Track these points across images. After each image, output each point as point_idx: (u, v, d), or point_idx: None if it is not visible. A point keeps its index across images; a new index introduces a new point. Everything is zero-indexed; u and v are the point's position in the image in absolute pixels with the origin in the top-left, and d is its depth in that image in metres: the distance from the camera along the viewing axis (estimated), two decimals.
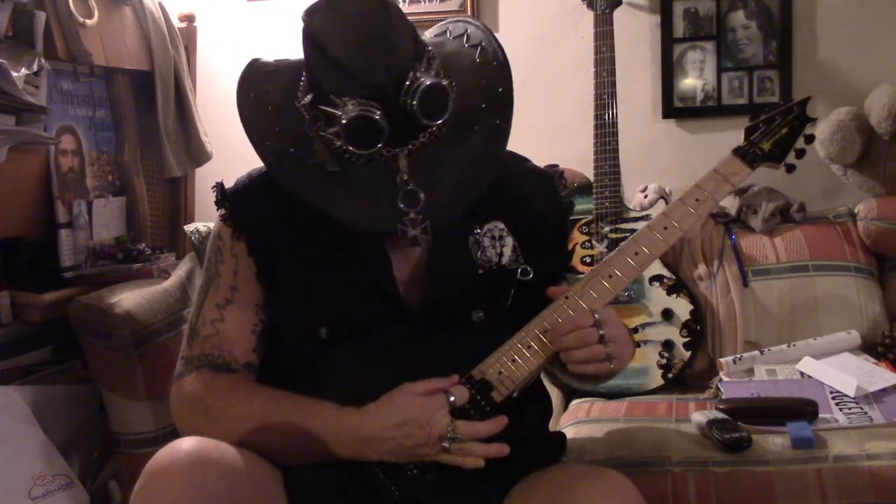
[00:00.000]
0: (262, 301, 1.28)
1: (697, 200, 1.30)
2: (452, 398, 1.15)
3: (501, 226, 1.30)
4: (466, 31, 1.27)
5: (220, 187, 1.31)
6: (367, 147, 1.13)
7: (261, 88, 1.24)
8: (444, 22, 1.32)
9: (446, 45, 1.27)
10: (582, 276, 1.29)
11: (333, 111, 1.13)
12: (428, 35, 1.31)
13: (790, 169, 1.38)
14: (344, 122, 1.11)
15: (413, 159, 1.15)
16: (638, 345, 2.02)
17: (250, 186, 1.30)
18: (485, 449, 1.15)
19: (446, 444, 1.13)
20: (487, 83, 1.21)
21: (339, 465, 1.16)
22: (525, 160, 1.40)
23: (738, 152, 1.36)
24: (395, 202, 1.13)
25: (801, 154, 1.38)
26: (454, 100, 1.17)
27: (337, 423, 1.15)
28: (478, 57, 1.23)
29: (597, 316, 1.18)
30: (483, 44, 1.24)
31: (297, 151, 1.17)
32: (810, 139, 1.39)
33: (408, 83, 1.12)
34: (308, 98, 1.17)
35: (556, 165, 1.40)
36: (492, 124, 1.19)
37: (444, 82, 1.15)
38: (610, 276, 1.24)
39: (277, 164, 1.18)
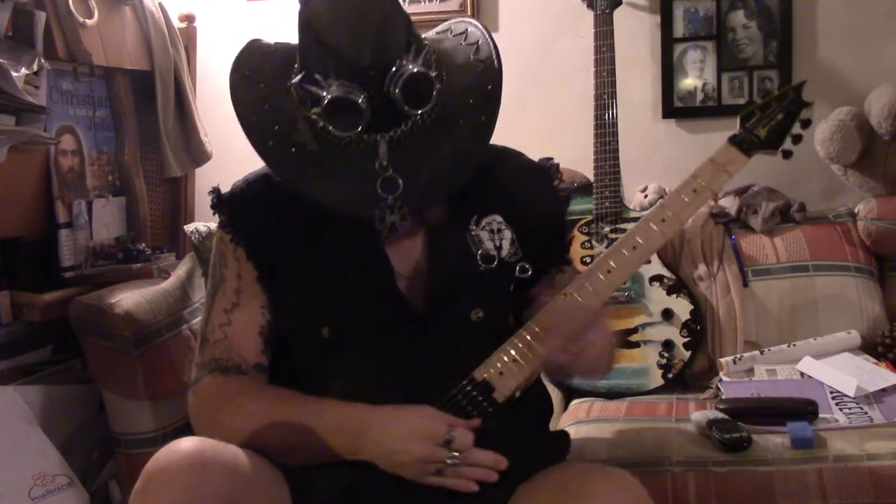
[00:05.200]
0: (267, 303, 1.28)
1: (694, 191, 1.29)
2: (453, 434, 1.13)
3: (500, 219, 1.30)
4: (466, 30, 1.28)
5: (216, 193, 1.31)
6: (346, 129, 1.15)
7: (256, 66, 1.25)
8: (448, 21, 1.34)
9: (445, 41, 1.29)
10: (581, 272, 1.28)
11: (318, 91, 1.15)
12: (431, 33, 1.32)
13: (787, 155, 1.35)
14: (325, 101, 1.13)
15: (394, 146, 1.17)
16: (637, 345, 2.02)
17: (247, 191, 1.30)
18: (478, 472, 1.14)
19: (441, 466, 1.12)
20: (478, 80, 1.22)
21: (346, 468, 1.16)
22: (520, 154, 1.40)
23: (733, 140, 1.34)
24: (374, 187, 1.15)
25: (797, 139, 1.35)
26: (442, 93, 1.18)
27: (342, 413, 1.16)
28: (472, 55, 1.24)
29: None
30: (480, 43, 1.25)
31: (282, 130, 1.19)
32: (806, 123, 1.35)
33: (393, 70, 1.14)
34: (297, 78, 1.19)
35: (551, 158, 1.40)
36: (477, 120, 1.20)
37: (432, 73, 1.17)
38: (608, 271, 1.23)
39: (261, 140, 1.19)
